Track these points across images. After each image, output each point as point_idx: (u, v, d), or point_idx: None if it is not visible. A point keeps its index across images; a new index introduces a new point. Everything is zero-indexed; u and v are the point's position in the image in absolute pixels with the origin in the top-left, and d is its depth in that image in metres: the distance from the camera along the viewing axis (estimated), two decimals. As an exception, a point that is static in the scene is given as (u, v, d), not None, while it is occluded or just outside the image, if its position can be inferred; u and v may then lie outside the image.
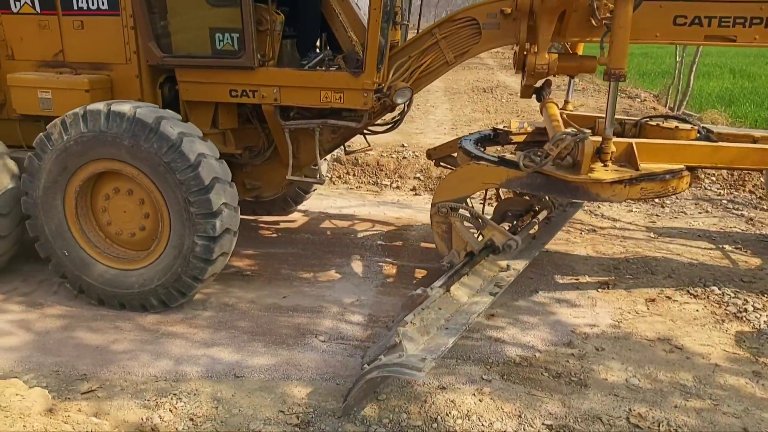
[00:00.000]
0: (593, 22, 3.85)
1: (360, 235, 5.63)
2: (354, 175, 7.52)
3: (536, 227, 4.54)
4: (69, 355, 3.59)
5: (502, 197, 5.15)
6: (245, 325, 3.95)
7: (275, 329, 3.90)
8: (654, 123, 4.44)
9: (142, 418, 3.02)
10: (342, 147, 5.31)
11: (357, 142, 5.36)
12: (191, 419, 3.04)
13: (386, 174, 7.49)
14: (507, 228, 4.22)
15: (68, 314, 4.07)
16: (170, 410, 3.10)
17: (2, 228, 4.18)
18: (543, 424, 3.03)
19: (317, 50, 4.43)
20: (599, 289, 4.51)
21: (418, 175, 7.34)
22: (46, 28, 4.34)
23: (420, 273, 4.81)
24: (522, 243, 4.05)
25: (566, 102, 5.10)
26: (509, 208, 4.71)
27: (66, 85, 4.19)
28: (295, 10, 4.42)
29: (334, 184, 7.39)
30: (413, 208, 6.43)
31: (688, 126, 4.36)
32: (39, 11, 4.31)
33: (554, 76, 4.27)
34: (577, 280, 4.67)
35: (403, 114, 4.90)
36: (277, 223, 5.94)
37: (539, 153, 3.81)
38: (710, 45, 4.08)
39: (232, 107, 4.49)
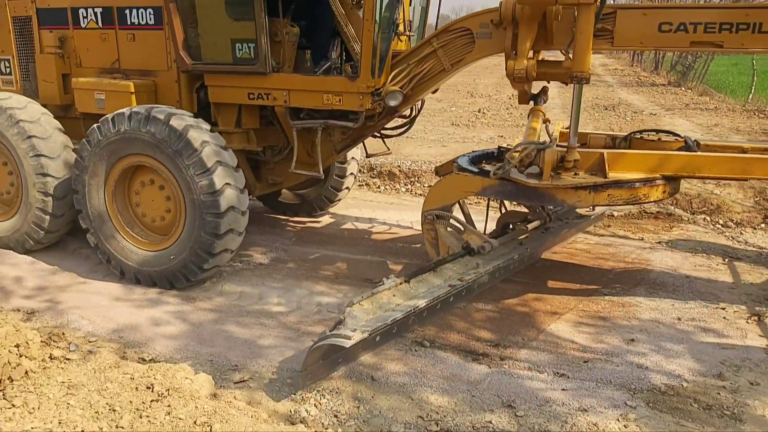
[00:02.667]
0: (575, 30, 3.87)
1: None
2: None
3: (526, 235, 4.73)
4: (221, 346, 3.87)
5: (507, 209, 5.29)
6: (380, 330, 4.07)
7: (407, 336, 3.98)
8: (639, 136, 4.57)
9: (290, 411, 3.20)
10: (365, 152, 5.87)
11: (378, 147, 5.72)
12: (335, 416, 3.17)
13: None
14: (498, 234, 4.65)
15: (218, 308, 4.39)
16: (315, 405, 3.25)
17: (58, 209, 4.98)
18: (696, 457, 2.87)
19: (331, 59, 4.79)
20: (749, 320, 4.21)
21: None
22: (106, 40, 5.08)
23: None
24: (500, 247, 4.34)
25: None
26: (510, 219, 5.00)
27: (116, 88, 4.88)
28: (311, 24, 4.84)
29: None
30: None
31: (672, 138, 4.48)
32: (101, 26, 5.07)
33: (548, 81, 4.43)
34: (723, 309, 4.38)
35: (413, 118, 5.33)
36: (398, 234, 6.06)
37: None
38: (696, 50, 4.03)
39: (253, 109, 4.97)
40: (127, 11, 4.90)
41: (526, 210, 5.08)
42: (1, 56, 5.67)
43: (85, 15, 5.13)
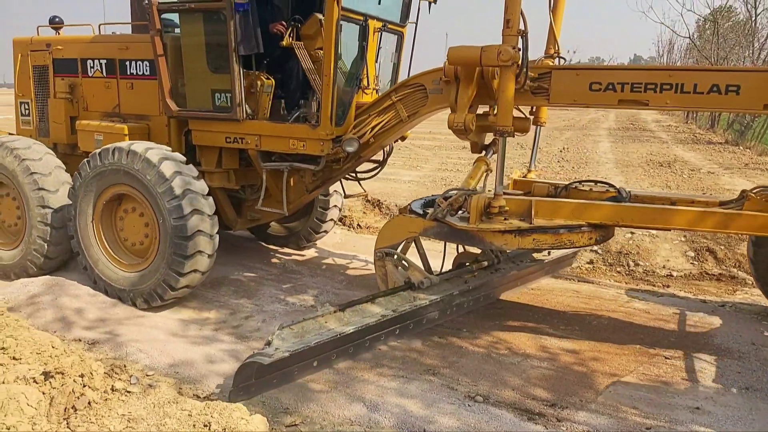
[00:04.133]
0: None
1: (537, 306, 5.51)
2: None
3: (473, 274, 5.05)
4: (273, 389, 3.87)
5: (463, 250, 5.47)
6: (434, 379, 4.01)
7: (460, 389, 3.90)
8: (574, 186, 4.87)
9: (342, 459, 3.16)
10: (343, 193, 6.63)
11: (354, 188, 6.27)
12: (387, 468, 3.11)
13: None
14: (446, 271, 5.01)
15: None
16: (367, 456, 3.20)
17: (56, 237, 5.46)
18: None
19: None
20: (825, 395, 3.96)
21: (595, 248, 7.08)
22: (108, 88, 5.76)
23: (612, 352, 4.56)
24: (442, 284, 4.69)
25: (529, 170, 5.56)
26: (464, 259, 5.30)
27: (112, 130, 5.47)
28: (286, 77, 5.34)
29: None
30: (593, 284, 6.19)
31: (603, 188, 4.76)
32: (105, 75, 5.78)
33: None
34: (795, 380, 4.15)
35: (383, 162, 5.92)
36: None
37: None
38: (624, 108, 4.29)
39: (233, 151, 5.47)
40: (127, 63, 5.60)
41: (474, 252, 5.34)
42: (22, 99, 6.43)
43: (92, 65, 5.84)
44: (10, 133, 6.36)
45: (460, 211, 4.51)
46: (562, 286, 6.03)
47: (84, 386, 3.16)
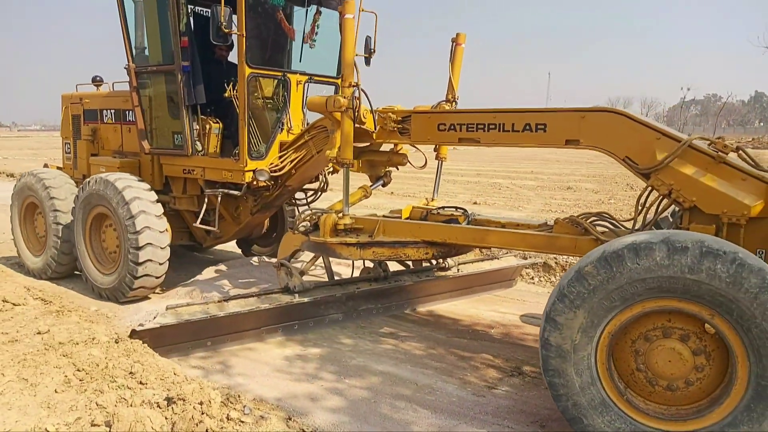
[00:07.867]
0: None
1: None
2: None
3: (358, 286, 5.58)
4: (378, 426, 3.72)
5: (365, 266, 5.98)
6: (542, 432, 3.78)
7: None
8: (434, 210, 5.47)
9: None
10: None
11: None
12: None
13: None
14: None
15: (370, 387, 4.24)
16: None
17: (65, 247, 6.79)
18: None
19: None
20: None
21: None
22: (116, 132, 7.21)
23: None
24: (317, 290, 5.29)
25: (432, 199, 5.97)
26: (366, 273, 5.81)
27: (109, 164, 6.87)
28: (232, 121, 6.28)
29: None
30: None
31: (449, 212, 5.37)
32: (114, 122, 7.23)
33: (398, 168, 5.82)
34: None
35: (321, 189, 7.00)
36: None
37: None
38: (464, 145, 4.80)
39: (194, 180, 6.50)
40: (127, 112, 6.99)
41: (372, 267, 5.83)
42: (65, 141, 7.98)
43: (106, 114, 7.32)
44: (58, 167, 7.89)
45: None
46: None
47: (203, 413, 3.29)
